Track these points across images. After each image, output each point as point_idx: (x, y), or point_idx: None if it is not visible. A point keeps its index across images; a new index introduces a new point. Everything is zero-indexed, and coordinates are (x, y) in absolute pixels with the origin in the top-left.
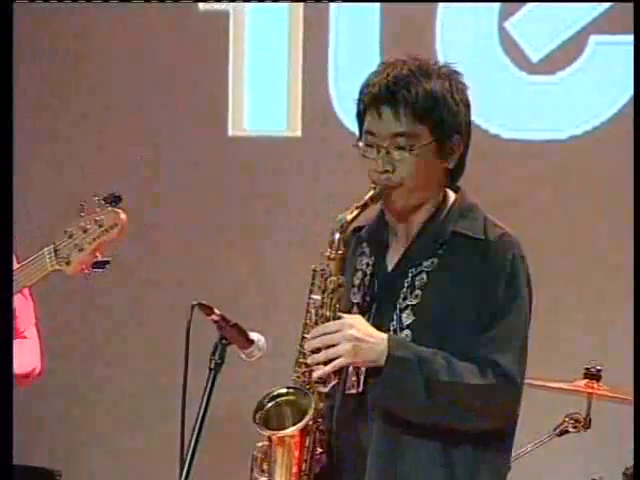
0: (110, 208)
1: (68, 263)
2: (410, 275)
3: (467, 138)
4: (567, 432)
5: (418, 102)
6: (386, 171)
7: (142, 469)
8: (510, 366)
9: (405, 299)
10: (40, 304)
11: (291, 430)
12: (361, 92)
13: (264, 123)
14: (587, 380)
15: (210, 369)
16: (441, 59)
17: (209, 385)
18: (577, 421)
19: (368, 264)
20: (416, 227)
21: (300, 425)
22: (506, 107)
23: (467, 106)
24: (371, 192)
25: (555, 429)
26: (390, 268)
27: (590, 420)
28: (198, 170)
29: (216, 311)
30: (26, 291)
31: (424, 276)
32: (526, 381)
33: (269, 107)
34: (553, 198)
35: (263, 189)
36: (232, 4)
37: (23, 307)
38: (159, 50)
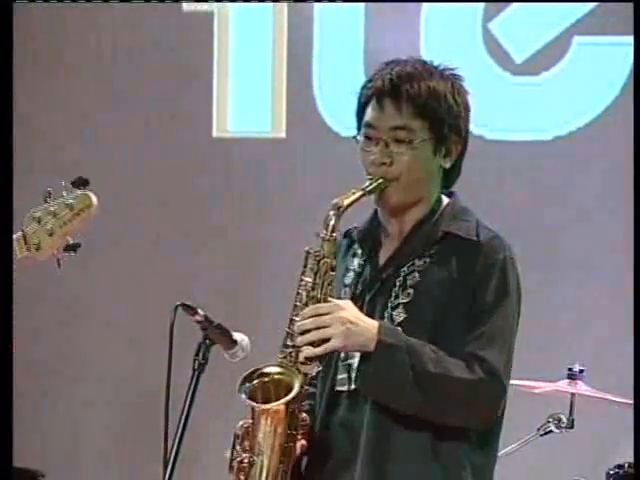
0: (80, 191)
1: (38, 249)
2: (402, 274)
3: (465, 142)
4: (550, 432)
5: (420, 97)
6: (384, 163)
7: (126, 470)
8: (496, 363)
9: (397, 297)
10: (24, 304)
11: (277, 404)
12: (363, 86)
13: (248, 124)
14: (570, 380)
15: (194, 369)
16: (425, 59)
17: (192, 385)
18: (560, 421)
19: (360, 264)
20: (408, 226)
21: (286, 399)
22: (490, 108)
23: (467, 110)
24: (368, 183)
25: (538, 429)
26: (381, 266)
27: (573, 420)
28: (182, 171)
29: (200, 311)
30: None
31: (416, 275)
32: (510, 382)
33: (253, 108)
34: (538, 199)
35: (247, 190)
36: (216, 5)
37: None
38: (143, 51)
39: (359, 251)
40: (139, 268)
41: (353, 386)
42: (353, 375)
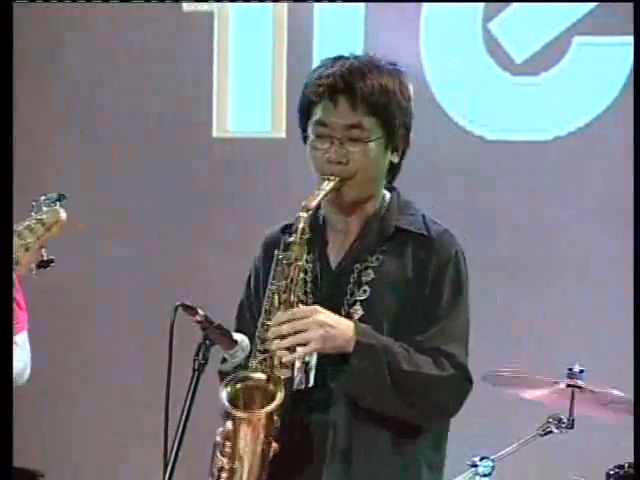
0: (52, 206)
1: (17, 263)
2: (355, 271)
3: (409, 136)
4: (550, 432)
5: (374, 95)
6: (339, 162)
7: (126, 469)
8: (462, 357)
9: (352, 294)
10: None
11: (262, 411)
12: (311, 84)
13: (248, 124)
14: (570, 380)
15: (194, 370)
16: (425, 59)
17: (192, 386)
18: (560, 421)
19: (307, 260)
20: (359, 223)
21: (272, 407)
22: (490, 108)
23: (411, 104)
24: (326, 183)
25: (538, 429)
26: (334, 264)
27: (573, 420)
28: (182, 171)
29: (200, 312)
30: (21, 301)
31: (370, 271)
32: (509, 384)
33: (253, 108)
34: (537, 199)
35: (247, 190)
36: (216, 5)
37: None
38: (143, 51)
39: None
40: (139, 268)
41: (310, 384)
42: (311, 374)
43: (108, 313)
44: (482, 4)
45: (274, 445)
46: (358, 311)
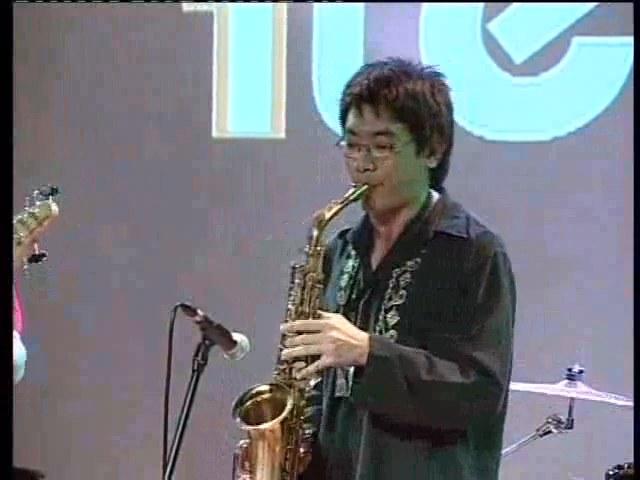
0: (44, 201)
1: None
2: (394, 275)
3: (450, 139)
4: (550, 433)
5: (398, 101)
6: (367, 169)
7: (126, 469)
8: (491, 364)
9: (390, 299)
10: (24, 304)
11: (270, 424)
12: (343, 92)
13: (248, 125)
14: (569, 381)
15: (193, 370)
16: (424, 60)
17: (192, 386)
18: (559, 422)
19: (354, 266)
20: (400, 228)
21: (278, 419)
22: (490, 108)
23: (449, 107)
24: (351, 191)
25: (538, 430)
26: (374, 269)
27: (572, 421)
28: (182, 172)
29: (199, 312)
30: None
31: (408, 276)
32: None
33: (253, 109)
34: (536, 199)
35: (247, 191)
36: (216, 5)
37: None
38: (142, 51)
39: (352, 252)
40: (138, 268)
41: (349, 392)
42: (350, 380)
43: (108, 313)
44: (482, 4)
45: (308, 458)
46: (394, 317)
